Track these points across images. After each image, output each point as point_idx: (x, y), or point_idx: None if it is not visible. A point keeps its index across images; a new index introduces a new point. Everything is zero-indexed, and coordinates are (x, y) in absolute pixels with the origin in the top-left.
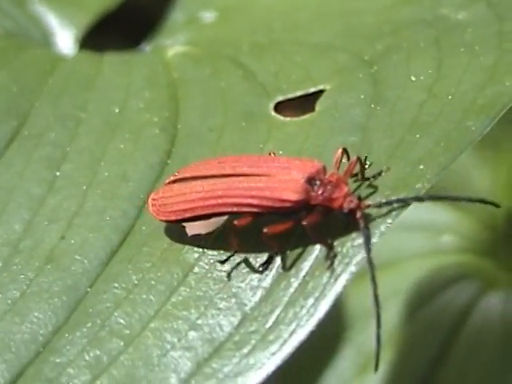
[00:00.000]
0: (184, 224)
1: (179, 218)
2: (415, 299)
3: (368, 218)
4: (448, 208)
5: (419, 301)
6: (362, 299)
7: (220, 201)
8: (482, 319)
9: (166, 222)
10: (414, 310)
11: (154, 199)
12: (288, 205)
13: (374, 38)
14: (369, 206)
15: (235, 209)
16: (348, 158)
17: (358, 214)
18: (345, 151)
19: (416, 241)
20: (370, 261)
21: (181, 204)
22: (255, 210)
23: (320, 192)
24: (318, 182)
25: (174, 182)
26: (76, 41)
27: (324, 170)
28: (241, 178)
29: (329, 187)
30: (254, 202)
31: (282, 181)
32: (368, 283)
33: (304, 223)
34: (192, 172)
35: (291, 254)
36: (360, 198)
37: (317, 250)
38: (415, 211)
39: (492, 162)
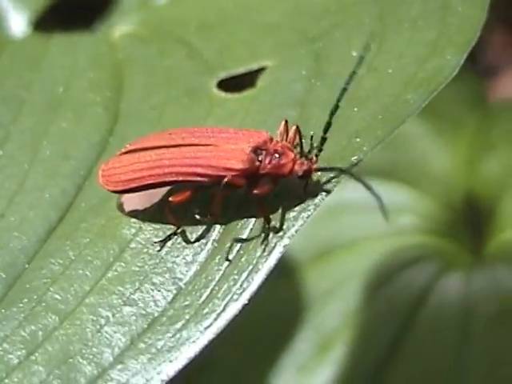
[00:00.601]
0: (122, 199)
1: (126, 187)
2: (374, 281)
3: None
4: (406, 189)
5: (378, 282)
6: (319, 280)
7: (166, 170)
8: (441, 300)
9: (114, 192)
10: (372, 291)
11: (103, 170)
12: (233, 173)
13: (319, 16)
14: (317, 158)
15: (180, 178)
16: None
17: (315, 167)
18: (286, 123)
19: (374, 222)
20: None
21: (128, 173)
22: (200, 179)
23: (267, 161)
24: (263, 152)
25: (125, 153)
26: (29, 24)
27: (271, 140)
28: (188, 148)
29: (276, 155)
30: (200, 170)
31: (228, 150)
32: (324, 263)
33: (255, 192)
34: (142, 144)
35: (226, 228)
36: (311, 160)
37: (251, 223)
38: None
39: (451, 143)
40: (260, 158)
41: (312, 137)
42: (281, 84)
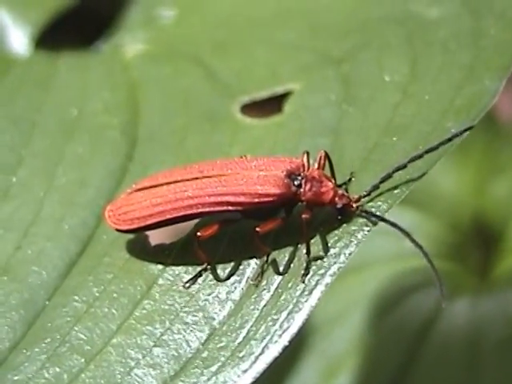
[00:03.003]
0: (147, 232)
1: (143, 224)
2: (380, 306)
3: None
4: (413, 211)
5: (384, 307)
6: (325, 305)
7: (191, 201)
8: (449, 325)
9: (127, 231)
10: (379, 316)
11: (111, 210)
12: (268, 199)
13: (340, 37)
14: (360, 198)
15: (207, 209)
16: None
17: (354, 206)
18: (308, 155)
19: (380, 245)
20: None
21: (145, 209)
22: (230, 208)
23: (307, 188)
24: (299, 178)
25: (134, 192)
26: (31, 40)
27: (303, 166)
28: (212, 178)
29: (314, 182)
30: (230, 199)
31: (261, 176)
32: (331, 287)
33: (304, 216)
34: (152, 181)
35: (261, 264)
36: (347, 191)
37: (288, 259)
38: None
39: (458, 164)
40: (296, 183)
41: (352, 172)
42: (309, 110)
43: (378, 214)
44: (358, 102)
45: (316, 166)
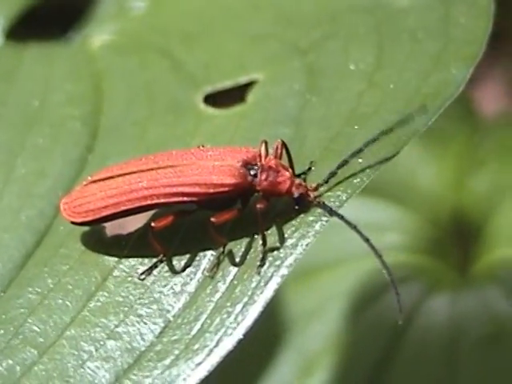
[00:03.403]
0: (103, 224)
1: (98, 216)
2: (358, 301)
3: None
4: (392, 205)
5: (362, 303)
6: (300, 300)
7: (146, 192)
8: (428, 321)
9: (83, 223)
10: (356, 312)
11: (66, 203)
12: (224, 189)
13: (309, 27)
14: (317, 188)
15: (162, 200)
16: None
17: (311, 196)
18: (266, 144)
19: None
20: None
21: (100, 201)
22: (186, 198)
23: (263, 177)
24: (255, 167)
25: (90, 183)
26: (1, 32)
27: (259, 156)
28: (168, 169)
29: (271, 171)
30: (185, 190)
31: (216, 166)
32: (306, 282)
33: (259, 206)
34: (108, 173)
35: (217, 256)
36: (305, 181)
37: (244, 250)
38: (356, 209)
39: (438, 158)
40: (252, 173)
41: (311, 162)
42: (272, 99)
43: (335, 204)
44: (321, 91)
45: (273, 155)
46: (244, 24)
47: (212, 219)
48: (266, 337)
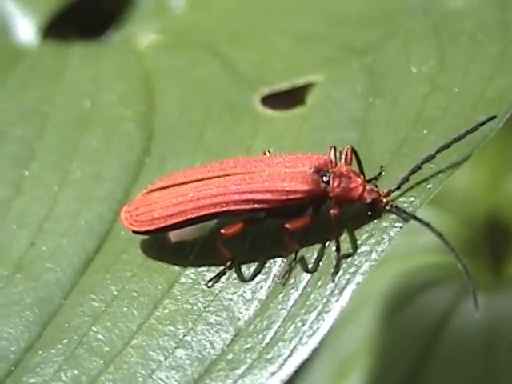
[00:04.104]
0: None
1: (163, 224)
2: (392, 303)
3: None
4: (426, 206)
5: (398, 304)
6: None
7: (215, 199)
8: (462, 323)
9: (145, 233)
10: (392, 313)
11: (127, 211)
12: (297, 196)
13: (362, 27)
14: (389, 193)
15: (232, 207)
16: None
17: (384, 201)
18: (335, 150)
19: (394, 241)
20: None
21: (165, 209)
22: (256, 206)
23: (336, 184)
24: (328, 174)
25: (151, 192)
26: (38, 30)
27: (331, 162)
28: (238, 176)
29: (343, 178)
30: (256, 196)
31: (288, 173)
32: None
33: (332, 211)
34: (170, 181)
35: (288, 262)
36: (377, 186)
37: (318, 257)
38: None
39: (472, 160)
40: (325, 180)
41: (382, 166)
42: (334, 102)
43: (408, 209)
44: (384, 93)
45: (343, 161)
46: (291, 23)
47: (287, 225)
48: None
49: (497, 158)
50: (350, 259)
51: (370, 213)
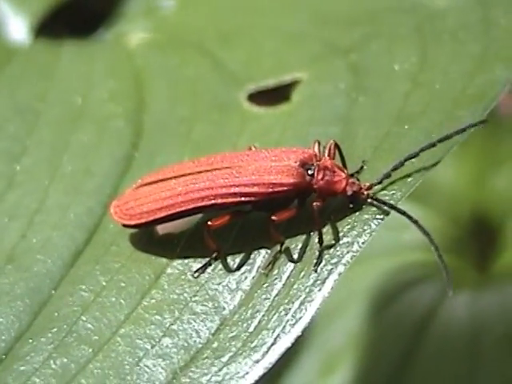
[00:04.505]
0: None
1: (152, 218)
2: (379, 299)
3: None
4: (411, 203)
5: (383, 301)
6: None
7: (202, 193)
8: (448, 320)
9: (135, 226)
10: (378, 309)
11: (117, 206)
12: (282, 189)
13: (347, 26)
14: (371, 186)
15: (219, 200)
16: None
17: (365, 194)
18: (319, 144)
19: (378, 238)
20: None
21: (154, 203)
22: (244, 199)
23: (320, 177)
24: (313, 167)
25: (140, 186)
26: (31, 29)
27: (316, 156)
28: (224, 170)
29: (327, 171)
30: (243, 190)
31: (274, 167)
32: None
33: (315, 204)
34: (158, 176)
35: (272, 253)
36: (359, 180)
37: (300, 248)
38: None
39: (457, 157)
40: (310, 173)
41: (364, 161)
42: (319, 98)
43: (389, 201)
44: (367, 91)
45: (327, 155)
46: (279, 23)
47: (273, 217)
48: None
49: (482, 155)
50: (332, 250)
51: (351, 205)
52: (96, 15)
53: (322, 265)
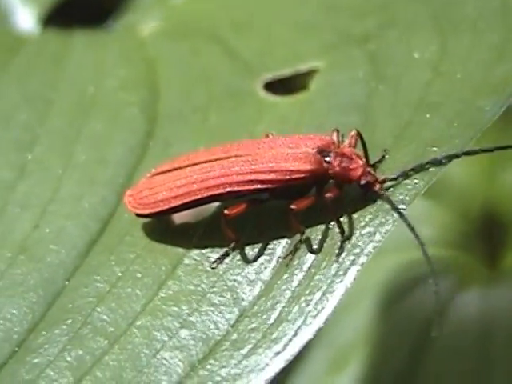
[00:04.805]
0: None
1: (167, 206)
2: (389, 295)
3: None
4: (423, 199)
5: (394, 296)
6: None
7: (218, 181)
8: (459, 315)
9: (149, 215)
10: (388, 305)
11: (131, 195)
12: (300, 176)
13: (361, 15)
14: (385, 181)
15: (236, 188)
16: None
17: (377, 187)
18: (338, 133)
19: (391, 234)
20: (409, 224)
21: (169, 191)
22: (260, 186)
23: (336, 163)
24: (330, 154)
25: (154, 175)
26: (39, 19)
27: (333, 143)
28: (241, 158)
29: (344, 158)
30: (260, 177)
31: (291, 154)
32: None
33: (328, 195)
34: (173, 164)
35: (293, 243)
36: (375, 169)
37: (322, 238)
38: None
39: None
40: (327, 160)
41: (385, 150)
42: (337, 87)
43: (391, 200)
44: (387, 79)
45: (347, 144)
46: (291, 12)
47: (292, 206)
48: None
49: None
50: (354, 240)
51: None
52: (103, 8)
53: (343, 255)
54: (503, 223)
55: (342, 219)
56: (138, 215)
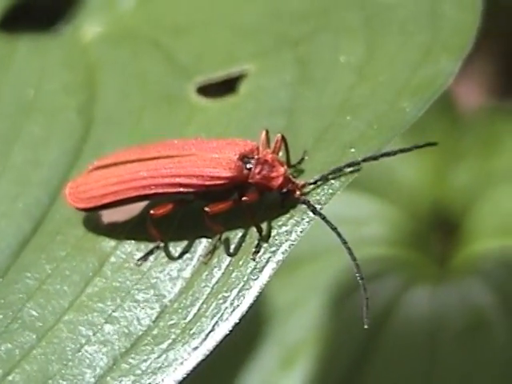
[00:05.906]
0: (102, 211)
1: (99, 203)
2: (337, 293)
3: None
4: (372, 198)
5: (342, 295)
6: (281, 292)
7: (144, 182)
8: (408, 314)
9: (85, 210)
10: (337, 304)
11: (71, 188)
12: (220, 182)
13: (300, 20)
14: (305, 185)
15: (160, 190)
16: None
17: (298, 193)
18: (267, 133)
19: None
20: (333, 227)
21: (101, 189)
22: (183, 189)
23: (257, 170)
24: (252, 161)
25: (94, 170)
26: None
27: (257, 149)
28: (167, 159)
29: (266, 166)
30: (182, 180)
31: (214, 159)
32: (287, 275)
33: (244, 199)
34: (112, 159)
35: (213, 242)
36: (295, 177)
37: (239, 237)
38: (335, 202)
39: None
40: (248, 167)
41: (305, 152)
42: (265, 91)
43: (315, 205)
44: (313, 82)
45: (272, 149)
46: (234, 16)
47: (206, 209)
48: (246, 329)
49: (442, 150)
50: (270, 239)
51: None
52: (55, 10)
53: (260, 253)
54: (453, 222)
55: (260, 219)
56: (77, 208)
